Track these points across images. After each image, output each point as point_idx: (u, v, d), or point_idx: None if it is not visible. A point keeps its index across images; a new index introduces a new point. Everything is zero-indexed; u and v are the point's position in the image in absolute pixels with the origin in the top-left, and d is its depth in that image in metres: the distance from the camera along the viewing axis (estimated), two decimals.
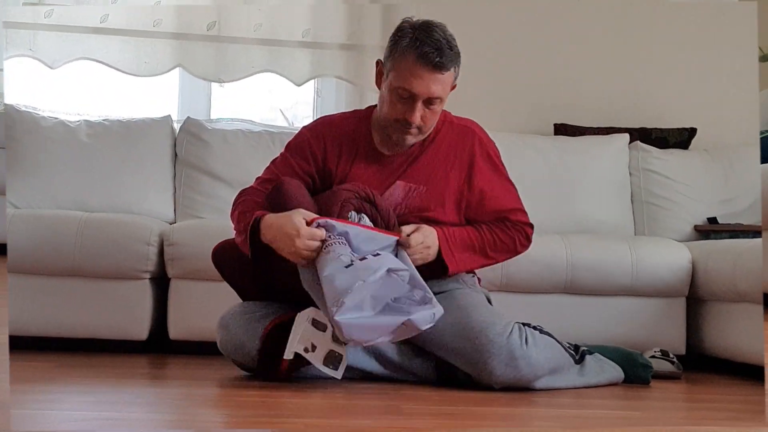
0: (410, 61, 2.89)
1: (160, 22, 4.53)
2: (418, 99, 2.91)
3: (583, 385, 3.04)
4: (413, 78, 2.89)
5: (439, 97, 2.93)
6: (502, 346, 2.85)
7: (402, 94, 2.91)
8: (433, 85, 2.90)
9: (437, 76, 2.90)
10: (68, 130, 4.21)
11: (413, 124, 2.94)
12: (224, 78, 4.59)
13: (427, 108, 2.94)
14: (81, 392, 2.71)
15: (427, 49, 2.88)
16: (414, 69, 2.89)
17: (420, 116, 2.93)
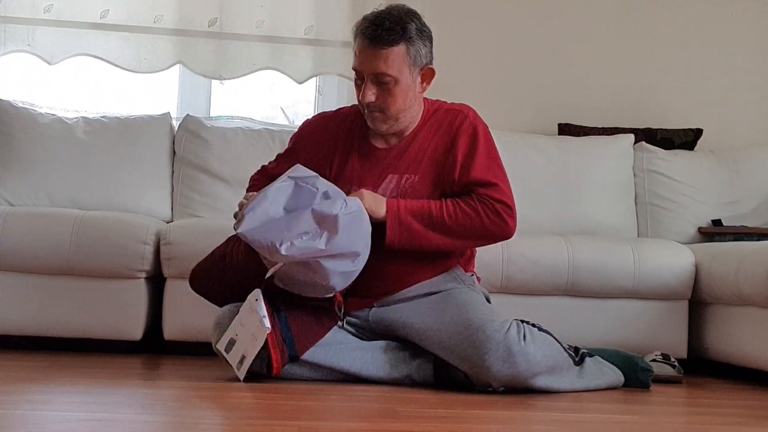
0: (357, 42, 2.96)
1: (160, 18, 4.51)
2: (366, 77, 2.93)
3: (583, 388, 3.02)
4: (358, 57, 2.95)
5: (387, 74, 2.91)
6: (499, 343, 2.84)
7: (356, 77, 2.98)
8: (375, 60, 2.91)
9: (378, 52, 2.90)
10: (65, 126, 4.19)
11: (369, 104, 2.95)
12: (225, 75, 4.56)
13: (381, 87, 2.94)
14: (73, 392, 2.68)
15: (367, 24, 2.93)
16: (358, 48, 2.96)
17: (373, 96, 2.94)
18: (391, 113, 2.99)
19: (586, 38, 4.82)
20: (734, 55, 4.85)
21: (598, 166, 4.36)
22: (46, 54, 4.43)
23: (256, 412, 2.42)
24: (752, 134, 4.81)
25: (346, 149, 3.10)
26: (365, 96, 2.94)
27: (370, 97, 2.94)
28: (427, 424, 2.35)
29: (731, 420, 2.65)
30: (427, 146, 3.06)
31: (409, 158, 3.06)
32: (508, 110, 4.72)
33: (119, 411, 2.39)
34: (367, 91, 2.94)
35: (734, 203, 4.38)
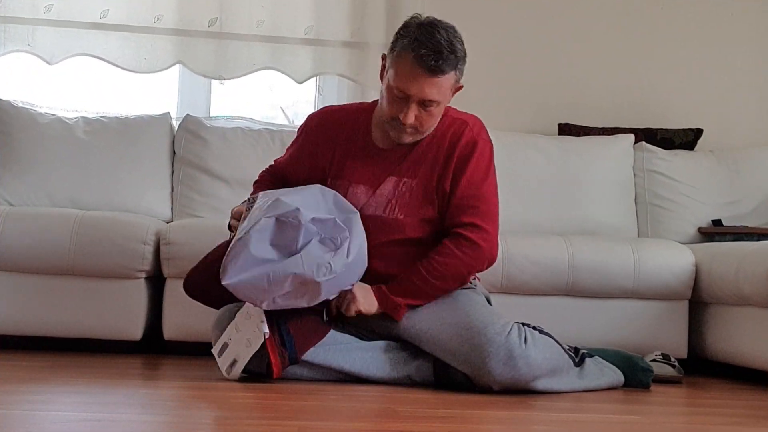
0: (407, 61, 2.87)
1: (160, 18, 4.51)
2: (413, 100, 2.88)
3: (583, 388, 3.02)
4: (408, 79, 2.87)
5: (435, 100, 2.89)
6: (500, 346, 2.83)
7: (397, 94, 2.90)
8: (428, 88, 2.87)
9: (433, 80, 2.86)
10: (65, 126, 4.19)
11: (406, 125, 2.92)
12: (225, 75, 4.56)
13: (423, 109, 2.91)
14: (73, 393, 2.68)
15: (424, 51, 2.84)
16: (410, 70, 2.87)
17: (414, 117, 2.91)
18: (424, 130, 2.98)
19: (586, 38, 4.82)
20: (734, 55, 4.85)
21: (598, 166, 4.36)
22: (46, 54, 4.43)
23: (256, 412, 2.42)
24: (752, 134, 4.81)
25: (348, 146, 3.09)
26: (408, 118, 2.89)
27: (412, 119, 2.90)
28: (427, 424, 2.35)
29: (731, 420, 2.64)
30: (428, 151, 3.04)
31: (410, 161, 3.05)
32: (508, 110, 4.72)
33: (119, 411, 2.39)
34: (411, 113, 2.89)
35: (734, 203, 4.38)
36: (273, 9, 4.57)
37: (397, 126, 2.95)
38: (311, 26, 4.59)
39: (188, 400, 2.64)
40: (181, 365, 3.35)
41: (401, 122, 2.92)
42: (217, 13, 4.54)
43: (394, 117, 2.93)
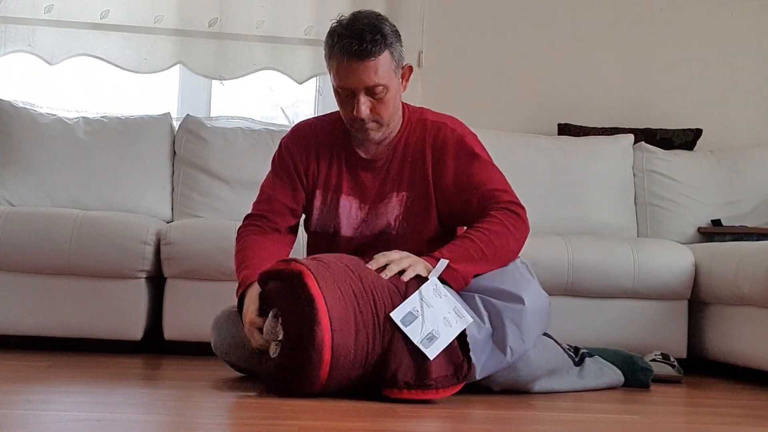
0: (337, 58, 2.83)
1: (160, 18, 4.51)
2: (358, 92, 2.83)
3: (582, 388, 3.02)
4: (344, 74, 2.83)
5: (379, 84, 2.82)
6: None
7: (343, 94, 2.86)
8: (364, 74, 2.81)
9: (366, 64, 2.80)
10: (66, 126, 4.19)
11: (364, 120, 2.86)
12: (225, 75, 4.56)
13: (373, 98, 2.85)
14: (73, 392, 2.67)
15: (347, 41, 2.79)
16: (342, 65, 2.82)
17: (368, 108, 2.85)
18: (384, 121, 2.89)
19: (586, 38, 4.82)
20: (734, 55, 4.85)
21: (598, 166, 4.36)
22: (46, 54, 4.43)
23: (256, 412, 2.41)
24: (752, 134, 4.81)
25: (331, 156, 3.01)
26: (361, 111, 2.83)
27: (365, 111, 2.84)
28: (427, 424, 2.35)
29: (731, 420, 2.64)
30: (416, 159, 2.98)
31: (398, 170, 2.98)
32: (507, 110, 4.72)
33: (119, 411, 2.39)
34: (362, 106, 2.83)
35: (734, 203, 4.38)
36: (273, 9, 4.58)
37: (358, 125, 2.89)
38: (311, 26, 4.59)
39: (188, 400, 2.63)
40: (181, 365, 3.35)
41: (359, 119, 2.86)
42: (218, 14, 4.54)
43: (351, 118, 2.88)
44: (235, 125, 4.44)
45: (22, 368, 3.09)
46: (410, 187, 2.97)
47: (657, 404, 2.94)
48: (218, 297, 3.40)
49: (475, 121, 3.20)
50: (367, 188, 2.98)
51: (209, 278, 3.60)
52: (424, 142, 2.98)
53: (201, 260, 3.59)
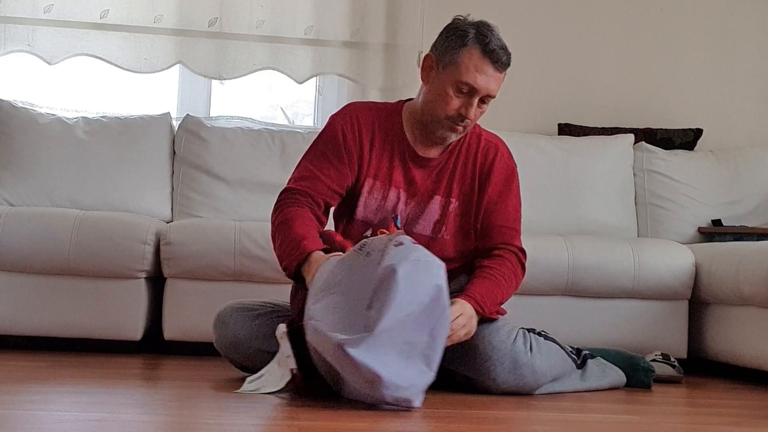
0: (476, 56, 2.86)
1: (160, 18, 4.51)
2: (477, 94, 2.86)
3: (585, 389, 3.02)
4: (478, 73, 2.85)
5: (493, 97, 2.91)
6: (505, 354, 2.82)
7: (462, 89, 2.86)
8: (494, 82, 2.88)
9: (498, 75, 2.89)
10: (65, 126, 4.19)
11: (468, 119, 2.89)
12: (225, 75, 4.56)
13: (480, 106, 2.90)
14: (73, 392, 2.67)
15: (494, 47, 2.87)
16: (480, 64, 2.86)
17: (474, 113, 2.89)
18: (469, 128, 2.97)
19: (586, 38, 4.81)
20: (734, 55, 4.85)
21: (598, 166, 4.36)
22: (46, 54, 4.43)
23: (256, 412, 2.41)
24: (752, 134, 4.81)
25: (383, 146, 2.98)
26: (470, 113, 2.87)
27: (473, 114, 2.88)
28: (427, 423, 2.35)
29: (731, 420, 2.64)
30: (465, 169, 3.01)
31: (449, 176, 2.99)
32: (508, 110, 4.70)
33: (119, 411, 2.39)
34: (473, 108, 2.87)
35: (734, 203, 4.38)
36: (273, 9, 4.57)
37: (451, 124, 2.89)
38: (311, 26, 4.59)
39: (188, 400, 2.63)
40: (181, 365, 3.35)
41: (462, 117, 2.87)
42: (217, 13, 4.54)
43: (453, 114, 2.88)
44: (235, 125, 4.44)
45: (22, 368, 3.09)
46: (458, 195, 3.00)
47: (657, 404, 2.94)
48: (218, 297, 3.40)
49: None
50: (417, 185, 2.99)
51: (209, 278, 3.60)
52: (476, 156, 3.02)
53: (201, 260, 3.59)
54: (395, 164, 2.97)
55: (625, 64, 4.81)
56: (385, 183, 2.96)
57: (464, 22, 2.94)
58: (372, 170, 2.96)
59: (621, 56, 4.82)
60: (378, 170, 2.96)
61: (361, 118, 2.98)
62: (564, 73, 4.78)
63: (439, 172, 3.00)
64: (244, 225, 3.67)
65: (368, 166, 2.95)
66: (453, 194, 2.99)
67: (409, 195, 2.98)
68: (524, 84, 4.75)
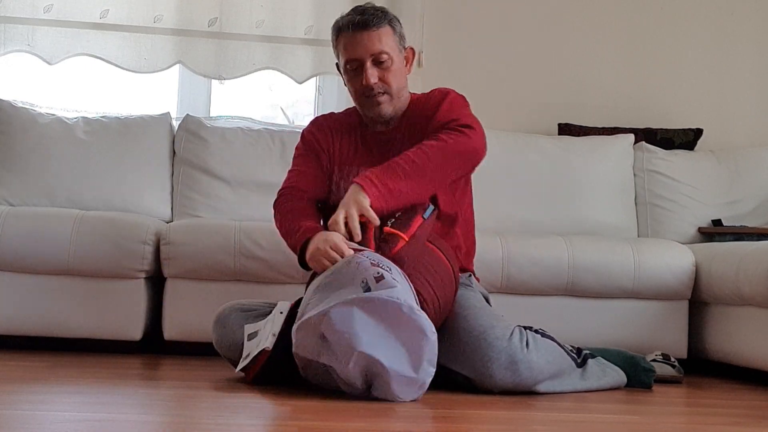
0: (343, 35, 3.06)
1: (160, 17, 4.50)
2: (364, 61, 3.01)
3: (585, 389, 3.02)
4: (350, 46, 3.04)
5: (384, 52, 3.02)
6: (502, 350, 2.82)
7: (351, 67, 3.05)
8: (369, 42, 3.01)
9: (370, 33, 3.02)
10: (65, 126, 4.19)
11: (374, 87, 3.02)
12: (225, 75, 4.56)
13: (380, 68, 3.02)
14: (72, 393, 2.68)
15: (350, 16, 3.05)
16: (347, 39, 3.05)
17: (375, 77, 3.02)
18: (394, 92, 3.06)
19: (586, 38, 4.81)
20: (735, 55, 4.85)
21: (598, 166, 4.35)
22: (45, 54, 4.43)
23: (256, 412, 2.41)
24: (752, 134, 4.81)
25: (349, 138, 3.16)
26: (369, 77, 3.00)
27: (374, 77, 3.01)
28: (427, 424, 2.35)
29: (731, 420, 2.64)
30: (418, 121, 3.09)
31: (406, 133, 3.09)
32: (508, 110, 4.71)
33: (119, 411, 2.39)
34: (369, 72, 3.00)
35: (734, 203, 4.37)
36: (273, 9, 4.57)
37: (370, 100, 3.05)
38: (311, 26, 4.59)
39: (188, 400, 2.63)
40: (181, 365, 3.35)
41: (368, 87, 3.02)
42: (217, 13, 4.54)
43: (360, 89, 3.04)
44: (235, 125, 4.44)
45: (22, 368, 3.09)
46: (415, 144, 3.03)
47: (657, 404, 2.94)
48: (218, 297, 3.41)
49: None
50: (377, 154, 3.09)
51: (209, 278, 3.60)
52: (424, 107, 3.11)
53: (201, 260, 3.59)
54: (359, 148, 3.15)
55: (625, 64, 4.81)
56: (350, 166, 3.12)
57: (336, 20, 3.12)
58: (338, 158, 3.15)
59: (621, 56, 4.82)
60: (344, 157, 3.14)
61: (324, 122, 3.26)
62: (564, 73, 4.78)
63: (394, 135, 3.12)
64: (244, 225, 3.67)
65: (336, 156, 3.15)
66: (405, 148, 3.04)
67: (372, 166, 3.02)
68: (524, 84, 4.75)
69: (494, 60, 4.74)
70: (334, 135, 3.17)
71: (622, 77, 4.80)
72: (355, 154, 3.14)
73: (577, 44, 4.80)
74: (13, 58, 4.50)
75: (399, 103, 3.10)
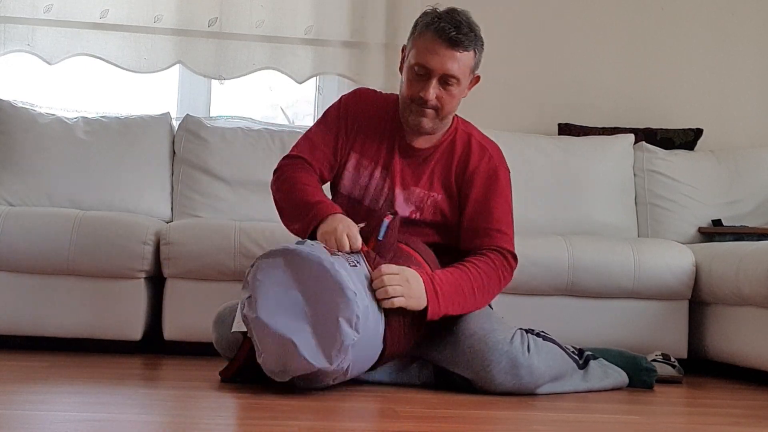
0: (428, 37, 2.92)
1: (160, 17, 4.50)
2: (434, 75, 2.91)
3: (587, 389, 3.02)
4: (429, 53, 2.91)
5: (455, 76, 2.91)
6: (503, 354, 2.82)
7: (418, 71, 2.93)
8: (449, 61, 2.90)
9: (453, 53, 2.90)
10: (65, 126, 4.19)
11: (428, 102, 2.92)
12: (225, 75, 4.55)
13: (443, 88, 2.93)
14: (72, 393, 2.67)
15: (444, 25, 2.90)
16: (431, 45, 2.91)
17: (435, 95, 2.92)
18: (442, 113, 2.97)
19: (586, 38, 4.81)
20: (735, 55, 4.85)
21: (598, 166, 4.35)
22: (45, 54, 4.43)
23: (256, 412, 2.41)
24: (752, 134, 4.81)
25: (379, 131, 3.07)
26: (429, 94, 2.91)
27: (433, 95, 2.92)
28: (427, 424, 2.35)
29: (731, 420, 2.64)
30: (447, 165, 3.04)
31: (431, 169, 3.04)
32: (508, 110, 4.72)
33: (119, 411, 2.38)
34: (431, 89, 2.91)
35: (734, 203, 4.37)
36: (273, 9, 4.57)
37: (417, 108, 2.95)
38: (311, 26, 4.59)
39: (188, 400, 2.63)
40: (181, 365, 3.35)
41: (423, 100, 2.92)
42: (217, 13, 4.54)
43: (415, 97, 2.94)
44: (235, 125, 4.44)
45: (22, 368, 3.09)
46: (440, 189, 3.03)
47: (657, 404, 2.94)
48: (218, 297, 3.40)
49: (476, 120, 3.20)
50: (402, 173, 3.04)
51: (209, 278, 3.60)
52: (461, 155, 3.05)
53: (201, 260, 3.58)
54: (383, 147, 3.06)
55: (625, 64, 4.81)
56: (371, 162, 3.05)
57: (429, 11, 3.00)
58: (359, 146, 3.06)
59: (621, 56, 4.82)
60: (366, 148, 3.06)
61: (366, 100, 3.12)
62: (564, 73, 4.78)
63: (422, 163, 3.05)
64: (244, 225, 3.67)
65: (357, 142, 3.06)
66: (434, 188, 3.04)
67: (389, 177, 3.03)
68: (524, 84, 4.75)
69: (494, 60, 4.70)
70: (369, 124, 3.08)
71: (622, 77, 4.81)
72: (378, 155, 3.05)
73: (577, 44, 4.80)
74: (13, 58, 4.49)
75: (441, 124, 3.01)
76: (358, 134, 3.07)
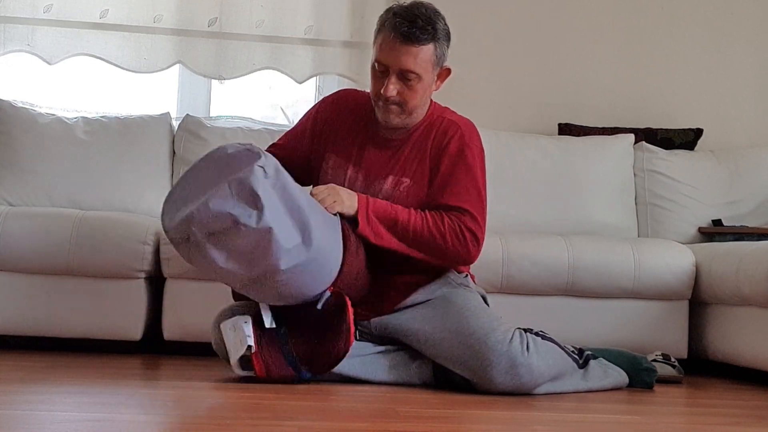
0: (384, 33, 2.95)
1: (160, 17, 4.51)
2: (391, 72, 2.93)
3: (587, 389, 3.02)
4: (385, 50, 2.94)
5: (414, 71, 2.92)
6: (502, 354, 2.82)
7: (378, 68, 2.96)
8: (404, 57, 2.91)
9: (409, 49, 2.91)
10: (65, 126, 4.19)
11: (389, 99, 2.94)
12: (225, 75, 4.56)
13: (404, 83, 2.94)
14: (72, 393, 2.67)
15: (398, 20, 2.91)
16: (386, 41, 2.93)
17: (395, 90, 2.94)
18: (408, 108, 2.98)
19: (586, 38, 4.81)
20: (735, 55, 4.85)
21: (598, 166, 4.35)
22: (45, 54, 4.43)
23: (256, 412, 2.41)
24: (752, 134, 4.81)
25: (356, 129, 3.10)
26: (388, 90, 2.93)
27: (392, 91, 2.93)
28: (427, 424, 2.35)
29: (731, 420, 2.64)
30: (422, 149, 3.05)
31: (405, 156, 3.05)
32: (508, 110, 4.71)
33: (119, 411, 2.38)
34: (390, 85, 2.93)
35: (734, 203, 4.37)
36: (273, 9, 4.57)
37: (382, 105, 2.98)
38: (311, 26, 4.59)
39: (188, 400, 2.63)
40: (181, 365, 3.35)
41: (383, 97, 2.94)
42: (217, 13, 4.54)
43: (377, 95, 2.97)
44: (235, 125, 4.44)
45: (22, 368, 3.08)
46: (413, 175, 3.03)
47: (657, 404, 2.94)
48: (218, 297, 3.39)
49: (475, 120, 3.20)
50: (371, 163, 3.06)
51: (209, 278, 3.59)
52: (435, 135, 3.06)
53: None
54: (355, 144, 3.08)
55: (625, 64, 4.81)
56: (345, 160, 3.08)
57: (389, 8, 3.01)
58: (337, 148, 3.09)
59: (621, 56, 4.81)
60: (339, 148, 3.09)
61: (343, 101, 3.16)
62: (564, 73, 4.78)
63: (396, 151, 3.06)
64: None
65: (334, 144, 3.10)
66: (406, 173, 3.04)
67: (361, 172, 3.05)
68: (524, 84, 4.75)
69: (495, 60, 4.73)
70: (347, 122, 3.11)
71: (621, 77, 4.80)
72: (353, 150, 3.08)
73: (577, 44, 4.80)
74: (13, 58, 4.50)
75: (410, 118, 3.02)
76: (331, 135, 3.11)
